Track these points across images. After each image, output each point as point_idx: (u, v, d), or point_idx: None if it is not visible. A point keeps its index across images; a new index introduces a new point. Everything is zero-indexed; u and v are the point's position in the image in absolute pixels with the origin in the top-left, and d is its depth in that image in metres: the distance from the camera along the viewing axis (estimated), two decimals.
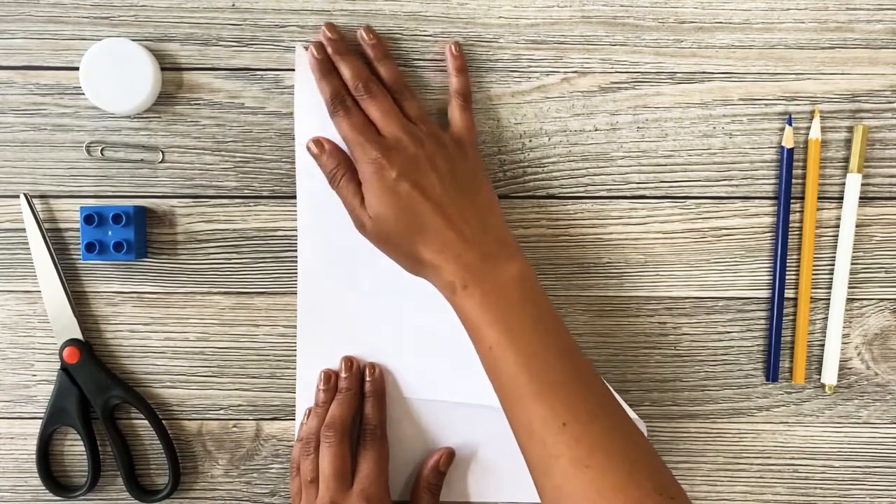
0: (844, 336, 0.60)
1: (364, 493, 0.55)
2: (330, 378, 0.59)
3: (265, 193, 0.60)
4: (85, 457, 0.60)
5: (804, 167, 0.59)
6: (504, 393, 0.50)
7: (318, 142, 0.57)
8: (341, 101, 0.55)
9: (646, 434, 0.58)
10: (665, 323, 0.60)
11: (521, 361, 0.49)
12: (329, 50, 0.57)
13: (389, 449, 0.58)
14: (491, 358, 0.50)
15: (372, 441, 0.57)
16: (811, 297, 0.60)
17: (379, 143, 0.53)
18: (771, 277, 0.60)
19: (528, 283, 0.52)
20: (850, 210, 0.59)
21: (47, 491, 0.60)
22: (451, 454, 0.59)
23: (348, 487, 0.55)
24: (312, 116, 0.58)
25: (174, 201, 0.60)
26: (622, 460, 0.47)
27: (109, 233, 0.58)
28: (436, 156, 0.54)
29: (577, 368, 0.50)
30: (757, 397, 0.61)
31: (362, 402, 0.59)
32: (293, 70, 0.59)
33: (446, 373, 0.59)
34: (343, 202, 0.56)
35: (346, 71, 0.56)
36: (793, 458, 0.61)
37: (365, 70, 0.57)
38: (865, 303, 0.61)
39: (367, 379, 0.59)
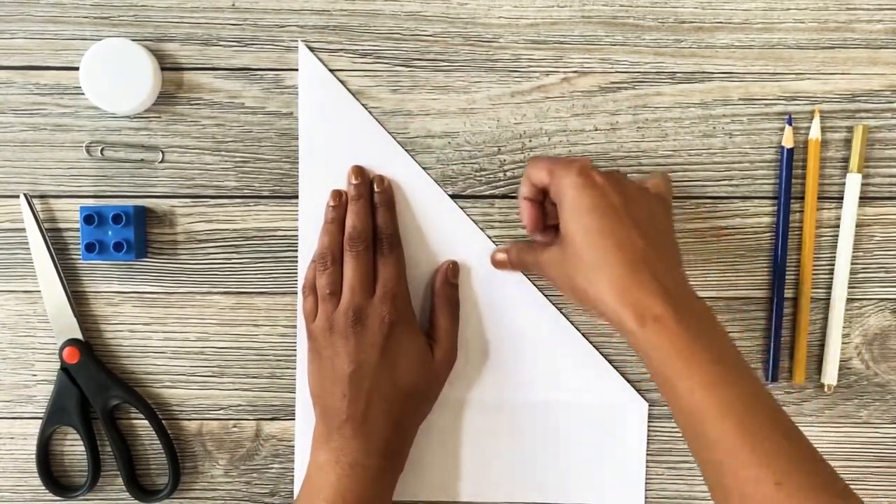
0: (844, 336, 0.60)
1: (387, 296, 0.56)
2: (340, 195, 0.58)
3: (265, 193, 0.60)
4: (85, 457, 0.60)
5: (804, 167, 0.59)
6: (706, 450, 0.46)
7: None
8: None
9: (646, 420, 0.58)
10: None
11: (728, 414, 0.45)
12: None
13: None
14: (690, 405, 0.46)
15: (389, 248, 0.57)
16: (811, 297, 0.60)
17: None
18: (771, 277, 0.60)
19: (716, 321, 0.49)
20: (850, 210, 0.59)
21: (47, 491, 0.60)
22: (455, 264, 0.59)
23: (372, 294, 0.56)
24: (316, 115, 0.58)
25: (174, 201, 0.60)
26: None
27: (109, 233, 0.58)
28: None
29: (781, 419, 0.46)
30: None
31: (373, 213, 0.58)
32: (293, 70, 0.59)
33: None
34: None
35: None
36: None
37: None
38: (865, 303, 0.61)
39: (377, 189, 0.58)
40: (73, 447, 0.61)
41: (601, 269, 0.49)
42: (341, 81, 0.59)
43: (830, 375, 0.60)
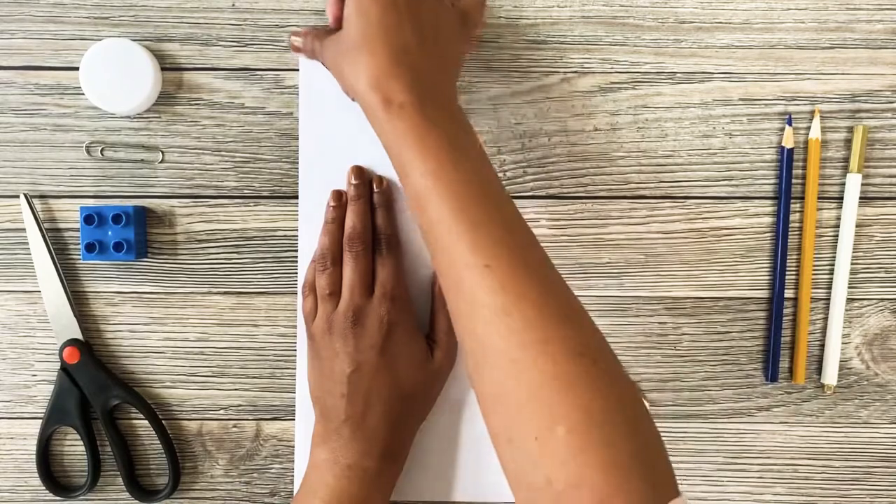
0: (844, 336, 0.60)
1: (386, 297, 0.55)
2: (341, 196, 0.58)
3: (265, 193, 0.60)
4: (85, 457, 0.60)
5: (804, 167, 0.59)
6: (430, 233, 0.47)
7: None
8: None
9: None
10: (665, 323, 0.60)
11: (449, 199, 0.46)
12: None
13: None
14: (418, 189, 0.47)
15: (388, 249, 0.57)
16: (811, 297, 0.60)
17: None
18: (771, 277, 0.60)
19: (465, 123, 0.50)
20: (850, 210, 0.59)
21: (47, 491, 0.60)
22: None
23: (371, 294, 0.56)
24: (316, 115, 0.58)
25: (174, 201, 0.60)
26: (550, 313, 0.43)
27: (109, 233, 0.58)
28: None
29: (502, 207, 0.47)
30: (757, 397, 0.61)
31: (373, 214, 0.58)
32: (293, 70, 0.59)
33: None
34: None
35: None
36: (793, 458, 0.61)
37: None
38: (865, 303, 0.61)
39: (376, 190, 0.58)
40: (73, 447, 0.61)
41: (365, 55, 0.49)
42: None
43: (830, 375, 0.60)
